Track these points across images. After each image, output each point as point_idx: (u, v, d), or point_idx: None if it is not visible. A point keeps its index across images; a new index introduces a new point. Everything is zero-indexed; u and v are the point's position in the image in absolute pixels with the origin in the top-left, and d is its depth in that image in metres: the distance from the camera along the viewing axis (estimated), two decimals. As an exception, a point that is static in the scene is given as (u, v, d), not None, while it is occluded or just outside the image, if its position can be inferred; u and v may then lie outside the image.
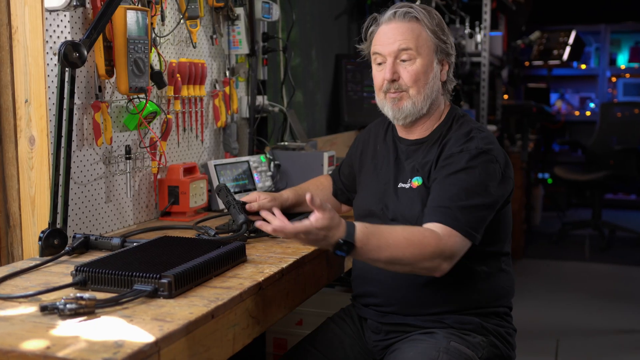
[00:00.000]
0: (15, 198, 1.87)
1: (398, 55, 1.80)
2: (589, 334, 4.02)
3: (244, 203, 2.00)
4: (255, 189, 2.53)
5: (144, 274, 1.42)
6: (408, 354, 1.69)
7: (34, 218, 1.85)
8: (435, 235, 1.62)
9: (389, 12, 1.83)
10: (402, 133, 1.91)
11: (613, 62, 8.33)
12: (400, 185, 1.84)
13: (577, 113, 8.24)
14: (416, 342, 1.73)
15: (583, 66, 8.26)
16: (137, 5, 2.07)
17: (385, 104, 1.86)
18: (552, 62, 7.04)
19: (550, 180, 7.82)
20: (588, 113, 8.19)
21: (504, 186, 1.75)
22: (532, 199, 6.79)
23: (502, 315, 1.83)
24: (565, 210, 7.56)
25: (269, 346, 2.77)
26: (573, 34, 7.00)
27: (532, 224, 6.86)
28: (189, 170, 2.33)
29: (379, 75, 1.84)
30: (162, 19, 2.24)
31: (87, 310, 1.30)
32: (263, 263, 1.70)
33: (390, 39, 1.81)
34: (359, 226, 1.55)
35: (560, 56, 6.96)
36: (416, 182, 1.80)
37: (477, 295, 1.78)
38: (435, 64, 1.82)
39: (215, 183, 2.41)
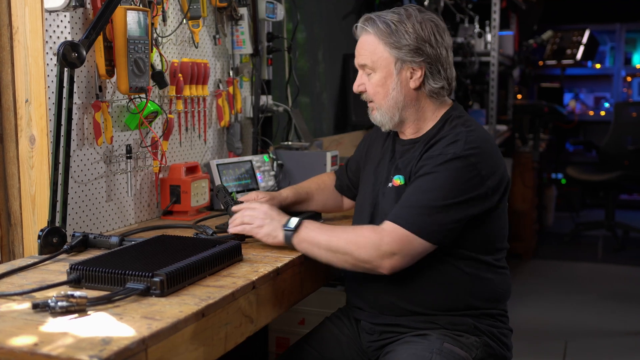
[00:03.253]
0: (16, 197, 1.89)
1: (362, 68, 1.86)
2: (599, 336, 3.99)
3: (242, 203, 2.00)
4: (258, 189, 2.54)
5: (137, 273, 1.43)
6: (402, 356, 1.69)
7: (35, 217, 1.87)
8: (375, 228, 1.69)
9: (358, 24, 1.86)
10: (399, 133, 1.92)
11: (628, 61, 8.26)
12: (390, 184, 1.85)
13: (591, 113, 8.17)
14: (409, 344, 1.73)
15: (598, 65, 8.20)
16: (138, 5, 2.08)
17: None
18: (565, 62, 6.99)
19: (564, 181, 7.76)
20: (603, 113, 8.12)
21: (477, 193, 1.70)
22: (544, 199, 6.74)
23: (495, 317, 1.81)
24: (579, 211, 7.50)
25: (272, 345, 2.79)
26: (587, 33, 6.95)
27: (545, 225, 6.81)
28: (191, 170, 2.34)
29: None
30: (164, 19, 2.25)
31: (78, 308, 1.31)
32: (258, 262, 1.71)
33: (357, 52, 1.87)
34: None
35: (573, 55, 6.91)
36: (397, 180, 1.81)
37: (467, 298, 1.77)
38: (395, 75, 1.80)
39: (218, 182, 2.42)
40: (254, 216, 1.82)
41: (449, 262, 1.75)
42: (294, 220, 1.78)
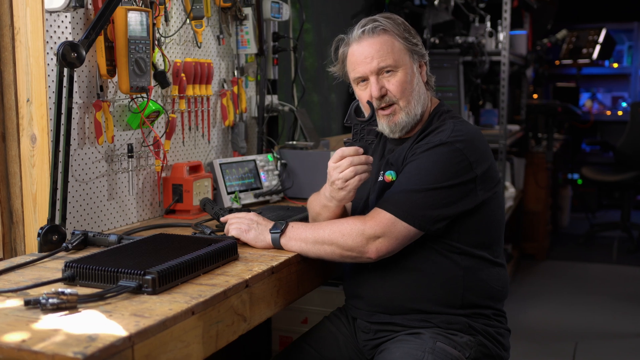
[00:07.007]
0: (18, 195, 1.92)
1: (379, 71, 1.80)
2: (609, 337, 3.95)
3: (231, 210, 2.06)
4: (261, 188, 2.55)
5: (129, 270, 1.44)
6: (395, 355, 1.70)
7: (36, 215, 1.90)
8: (359, 217, 1.72)
9: (357, 31, 1.82)
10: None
11: (646, 60, 8.15)
12: (380, 179, 1.87)
13: (608, 113, 8.08)
14: (403, 342, 1.73)
15: (615, 65, 8.10)
16: (140, 5, 2.10)
17: (379, 122, 1.83)
18: (581, 61, 6.92)
19: (580, 181, 7.68)
20: (620, 113, 8.01)
21: (464, 179, 1.71)
22: (560, 200, 6.69)
23: (491, 316, 1.81)
24: (595, 212, 7.42)
25: (275, 344, 2.79)
26: (603, 32, 6.87)
27: (560, 225, 6.75)
28: (194, 169, 2.36)
29: (365, 94, 1.83)
30: (166, 19, 2.27)
31: (69, 305, 1.33)
32: (254, 261, 1.72)
33: (367, 58, 1.80)
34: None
35: (589, 55, 6.84)
36: (389, 176, 1.83)
37: (462, 292, 1.76)
38: (415, 69, 1.83)
39: (221, 182, 2.44)
40: (241, 222, 1.86)
41: (444, 254, 1.76)
42: (280, 223, 1.82)
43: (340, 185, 1.70)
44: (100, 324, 1.25)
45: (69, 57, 1.75)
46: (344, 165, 1.68)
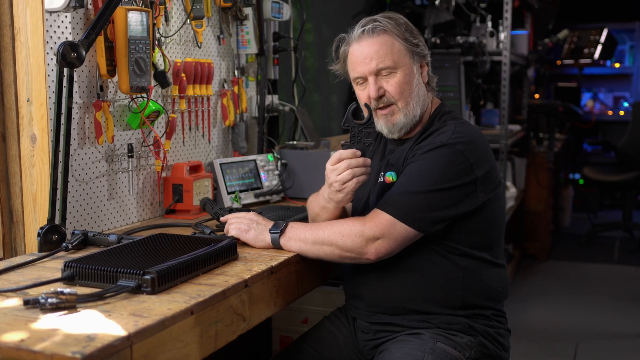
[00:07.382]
0: (18, 195, 1.92)
1: (378, 72, 1.79)
2: (610, 337, 3.95)
3: (231, 209, 2.05)
4: (261, 188, 2.55)
5: (128, 270, 1.44)
6: (394, 355, 1.70)
7: (36, 214, 1.90)
8: (359, 218, 1.72)
9: (357, 31, 1.82)
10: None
11: (648, 60, 8.14)
12: (380, 180, 1.86)
13: (610, 113, 8.07)
14: (403, 342, 1.73)
15: (617, 65, 8.10)
16: (140, 5, 2.10)
17: (377, 122, 1.83)
18: (583, 61, 6.92)
19: (581, 181, 7.67)
20: (622, 113, 8.00)
21: (464, 181, 1.70)
22: (561, 200, 6.68)
23: (491, 317, 1.80)
24: (597, 212, 7.42)
25: (275, 344, 2.80)
26: (605, 32, 6.87)
27: (561, 225, 6.75)
28: (194, 169, 2.36)
29: (364, 94, 1.82)
30: (166, 19, 2.27)
31: (68, 304, 1.33)
32: (253, 261, 1.72)
33: (366, 59, 1.79)
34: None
35: (591, 55, 6.84)
36: (390, 177, 1.83)
37: (462, 294, 1.76)
38: (415, 70, 1.83)
39: (221, 182, 2.44)
40: (241, 222, 1.86)
41: (444, 255, 1.76)
42: (280, 223, 1.81)
43: (338, 188, 1.71)
44: (99, 323, 1.25)
45: (69, 57, 1.75)
46: (341, 167, 1.70)
